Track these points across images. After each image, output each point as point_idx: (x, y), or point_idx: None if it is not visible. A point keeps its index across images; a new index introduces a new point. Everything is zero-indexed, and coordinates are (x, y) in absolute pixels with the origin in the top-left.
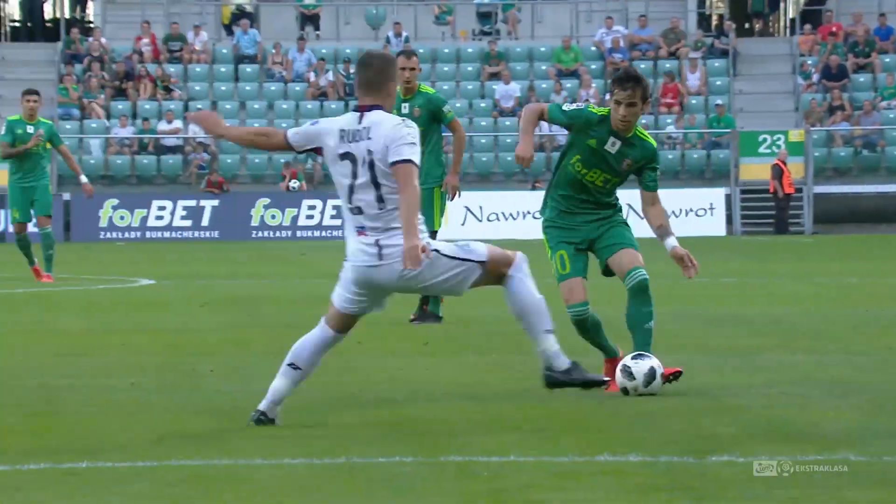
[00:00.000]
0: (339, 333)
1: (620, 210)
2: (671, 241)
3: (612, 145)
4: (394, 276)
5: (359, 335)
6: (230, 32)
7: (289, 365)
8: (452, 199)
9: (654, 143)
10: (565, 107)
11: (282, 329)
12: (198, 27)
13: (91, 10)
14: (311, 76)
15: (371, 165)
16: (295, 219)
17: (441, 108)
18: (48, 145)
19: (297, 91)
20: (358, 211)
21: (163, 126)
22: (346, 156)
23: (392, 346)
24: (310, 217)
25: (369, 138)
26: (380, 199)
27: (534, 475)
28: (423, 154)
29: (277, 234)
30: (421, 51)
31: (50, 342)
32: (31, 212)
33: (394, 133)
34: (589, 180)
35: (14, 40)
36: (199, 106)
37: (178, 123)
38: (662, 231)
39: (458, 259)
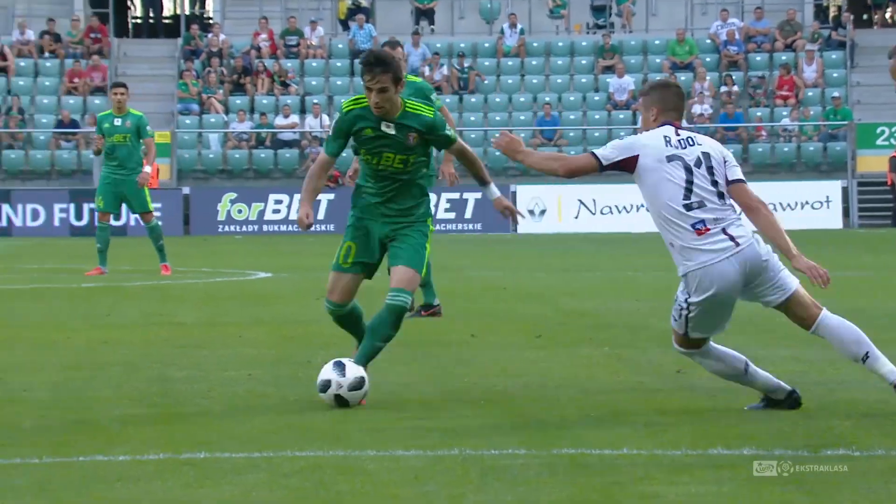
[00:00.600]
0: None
1: (423, 199)
2: (493, 190)
3: (388, 127)
4: (759, 257)
5: (473, 328)
6: (346, 27)
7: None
8: (451, 184)
9: (431, 112)
10: (331, 131)
11: None
12: (314, 22)
13: (210, 7)
14: (426, 70)
15: (710, 169)
16: None
17: (428, 95)
18: (122, 138)
19: None
20: (699, 205)
21: (280, 121)
22: (673, 158)
23: (504, 339)
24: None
25: (699, 143)
26: (720, 196)
27: (647, 468)
28: None
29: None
30: (535, 44)
31: (169, 334)
32: (123, 206)
33: (721, 148)
34: (386, 165)
35: (136, 36)
36: (316, 101)
37: (294, 118)
38: (480, 178)
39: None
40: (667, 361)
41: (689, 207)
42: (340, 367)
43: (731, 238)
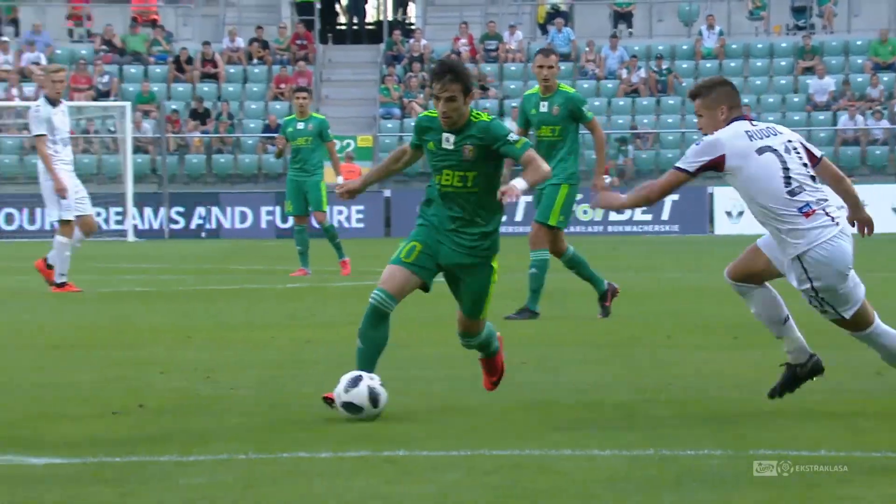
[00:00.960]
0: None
1: (492, 236)
2: (520, 183)
3: (447, 141)
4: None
5: (669, 329)
6: (545, 31)
7: None
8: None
9: (489, 117)
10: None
11: (586, 322)
12: (513, 27)
13: (412, 13)
14: (623, 73)
15: (797, 154)
16: (606, 213)
17: (580, 107)
18: (304, 141)
19: (609, 88)
20: (800, 189)
21: None
22: (764, 149)
23: (701, 341)
24: (621, 212)
25: (780, 132)
26: (812, 178)
27: (846, 470)
28: (560, 152)
29: (590, 228)
30: (734, 46)
31: None
32: (309, 207)
33: (791, 132)
34: (446, 183)
35: (340, 43)
36: (514, 104)
37: None
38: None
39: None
40: (865, 362)
41: (792, 193)
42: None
43: (832, 218)
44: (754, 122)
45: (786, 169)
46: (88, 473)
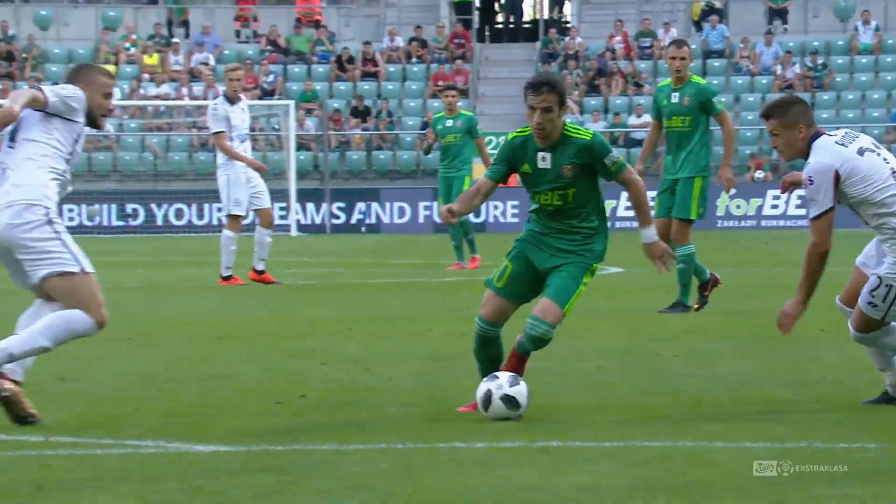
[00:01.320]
0: None
1: (595, 236)
2: (648, 233)
3: (543, 160)
4: None
5: (823, 323)
6: (699, 28)
7: None
8: (728, 191)
9: (589, 135)
10: (496, 157)
11: (738, 315)
12: (668, 24)
13: (568, 11)
14: (778, 69)
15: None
16: (760, 208)
17: (710, 99)
18: (453, 138)
19: (763, 84)
20: None
21: (633, 120)
22: (862, 150)
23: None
24: (774, 207)
25: (857, 135)
26: None
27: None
28: (691, 143)
29: (743, 223)
30: (890, 41)
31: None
32: None
33: None
34: (545, 203)
35: (496, 41)
36: None
37: (646, 118)
38: (640, 218)
39: None
40: None
41: None
42: (492, 378)
43: None
44: (834, 132)
45: (887, 162)
46: (251, 461)
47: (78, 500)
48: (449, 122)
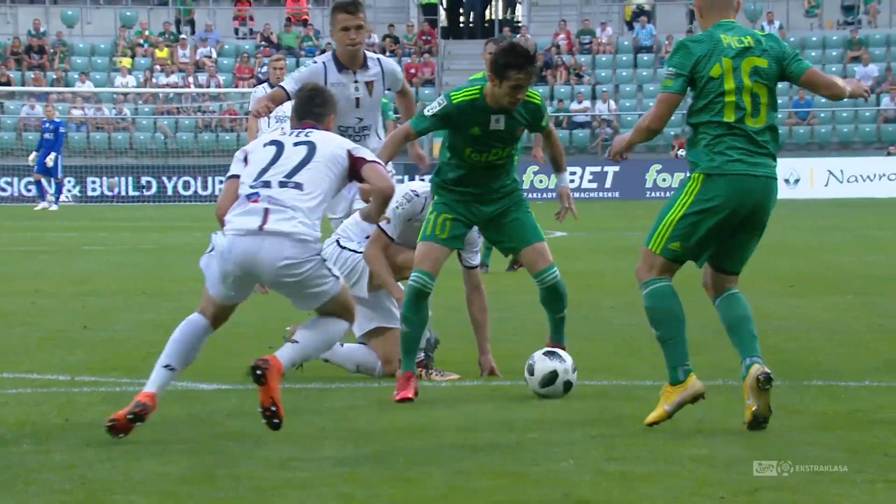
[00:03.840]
0: None
1: (519, 185)
2: (563, 178)
3: (497, 122)
4: None
5: None
6: (631, 27)
7: None
8: (542, 164)
9: (538, 97)
10: (426, 112)
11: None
12: (604, 24)
13: (519, 12)
14: None
15: None
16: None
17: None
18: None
19: None
20: None
21: (574, 106)
22: None
23: (763, 288)
24: None
25: None
26: None
27: (886, 398)
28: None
29: (667, 193)
30: (791, 39)
31: (485, 282)
32: None
33: None
34: (490, 160)
35: (458, 38)
36: (605, 89)
37: (586, 104)
38: (561, 164)
39: None
40: None
41: None
42: (555, 355)
43: None
44: None
45: None
46: (248, 397)
47: (99, 432)
48: None
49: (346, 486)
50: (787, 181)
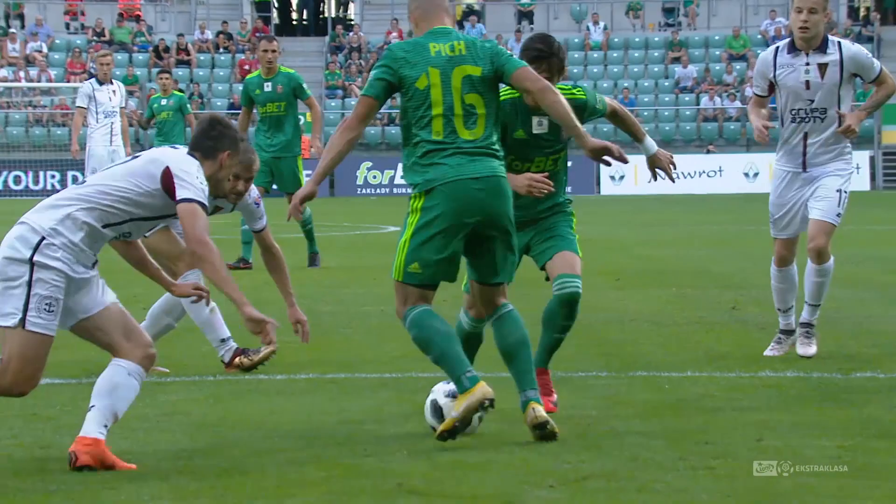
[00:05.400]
0: None
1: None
2: (649, 144)
3: (540, 125)
4: None
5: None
6: (461, 26)
7: None
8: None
9: (582, 92)
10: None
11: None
12: None
13: (352, 10)
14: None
15: None
16: None
17: (301, 85)
18: (161, 115)
19: None
20: None
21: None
22: None
23: (590, 282)
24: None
25: None
26: None
27: (707, 387)
28: (287, 125)
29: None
30: (616, 40)
31: (318, 276)
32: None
33: None
34: (537, 170)
35: (291, 35)
36: None
37: None
38: (639, 132)
39: None
40: (723, 300)
41: None
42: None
43: None
44: None
45: None
46: (83, 391)
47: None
48: (163, 101)
49: (179, 478)
50: (612, 178)
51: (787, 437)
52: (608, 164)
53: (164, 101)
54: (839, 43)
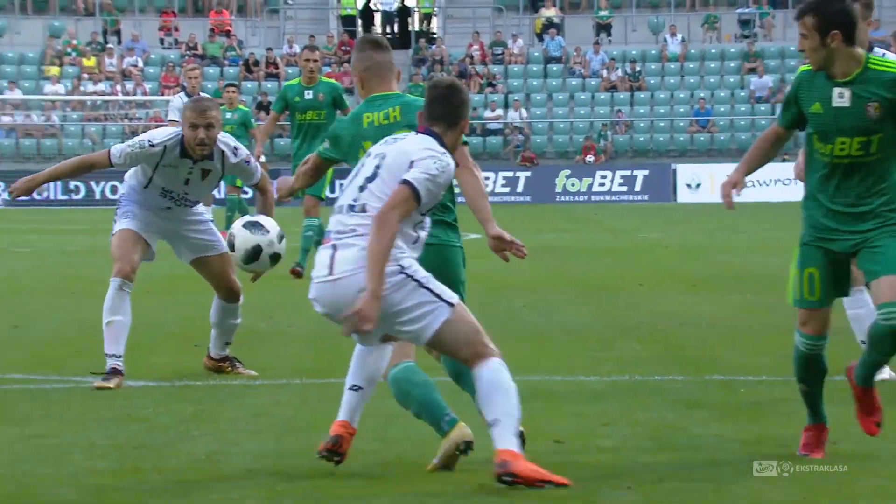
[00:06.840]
0: None
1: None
2: None
3: (841, 97)
4: None
5: (641, 278)
6: (541, 39)
7: None
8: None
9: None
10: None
11: (579, 276)
12: (516, 35)
13: (434, 24)
14: (604, 73)
15: None
16: (590, 186)
17: (341, 95)
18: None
19: (592, 85)
20: None
21: (487, 113)
22: None
23: (667, 287)
24: (601, 185)
25: None
26: None
27: (783, 392)
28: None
29: (576, 198)
30: (692, 51)
31: None
32: None
33: None
34: (840, 153)
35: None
36: (516, 98)
37: (499, 111)
38: None
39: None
40: None
41: None
42: (257, 226)
43: None
44: None
45: None
46: (175, 394)
47: (28, 428)
48: (228, 115)
49: (268, 478)
50: (688, 186)
51: (862, 440)
52: (506, 259)
53: (228, 115)
54: None
